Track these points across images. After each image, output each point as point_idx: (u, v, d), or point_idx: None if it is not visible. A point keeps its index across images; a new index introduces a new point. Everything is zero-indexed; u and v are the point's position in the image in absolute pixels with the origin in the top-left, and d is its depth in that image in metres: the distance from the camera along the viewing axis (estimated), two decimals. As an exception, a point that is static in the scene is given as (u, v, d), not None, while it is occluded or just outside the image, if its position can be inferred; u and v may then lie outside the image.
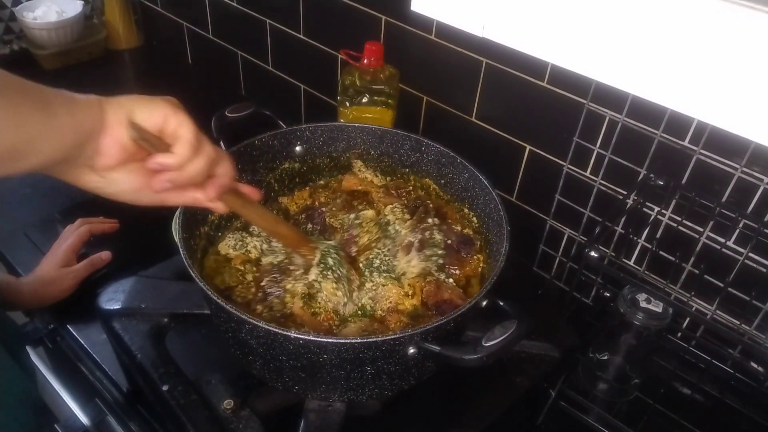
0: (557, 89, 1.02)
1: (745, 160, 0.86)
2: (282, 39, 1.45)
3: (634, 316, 0.88)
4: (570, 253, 1.12)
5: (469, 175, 0.96)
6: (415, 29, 1.17)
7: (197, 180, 0.66)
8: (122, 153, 0.61)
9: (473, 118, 1.17)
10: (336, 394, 0.81)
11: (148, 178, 0.64)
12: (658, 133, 0.92)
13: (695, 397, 0.99)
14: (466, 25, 0.66)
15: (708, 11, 0.49)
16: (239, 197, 0.74)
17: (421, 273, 0.88)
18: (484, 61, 1.09)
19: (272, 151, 1.00)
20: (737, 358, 0.96)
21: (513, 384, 0.93)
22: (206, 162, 0.65)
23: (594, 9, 0.56)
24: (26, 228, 1.17)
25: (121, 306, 0.91)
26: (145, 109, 0.61)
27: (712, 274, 0.94)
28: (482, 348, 0.70)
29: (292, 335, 0.70)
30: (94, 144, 0.59)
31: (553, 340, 0.96)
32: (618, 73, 0.57)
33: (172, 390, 0.82)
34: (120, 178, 0.63)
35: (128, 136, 0.60)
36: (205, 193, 0.68)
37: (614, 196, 1.02)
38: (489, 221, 0.93)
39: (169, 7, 1.73)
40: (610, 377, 0.97)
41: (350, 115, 1.15)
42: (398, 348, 0.72)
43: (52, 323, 1.04)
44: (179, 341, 0.93)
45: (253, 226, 0.93)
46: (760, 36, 0.47)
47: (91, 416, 0.95)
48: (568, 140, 1.03)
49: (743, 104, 0.50)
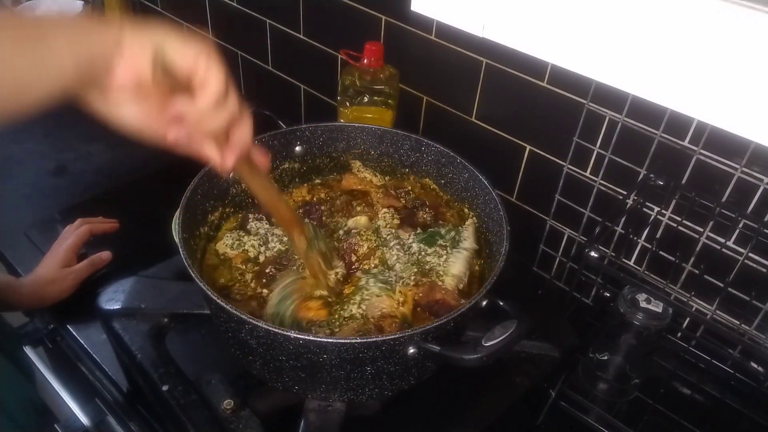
0: (557, 89, 1.02)
1: (745, 160, 0.86)
2: (282, 39, 1.45)
3: (634, 316, 0.88)
4: (570, 253, 1.12)
5: (469, 175, 0.96)
6: (415, 29, 1.17)
7: (214, 135, 0.61)
8: (135, 83, 0.56)
9: (473, 118, 1.17)
10: (336, 394, 0.81)
11: (157, 117, 0.59)
12: (658, 133, 0.92)
13: (695, 397, 0.99)
14: (466, 25, 0.66)
15: (708, 11, 0.49)
16: (248, 164, 0.69)
17: (415, 275, 0.87)
18: (484, 61, 1.09)
19: (272, 151, 1.00)
20: (737, 358, 0.96)
21: (513, 384, 0.93)
22: (228, 119, 0.60)
23: (594, 9, 0.56)
24: (26, 228, 1.17)
25: (121, 306, 0.91)
26: (177, 45, 0.56)
27: (712, 274, 0.94)
28: (482, 348, 0.70)
29: (292, 335, 0.70)
30: (105, 69, 0.55)
31: (553, 340, 0.96)
32: (618, 73, 0.57)
33: (172, 390, 0.82)
34: (128, 111, 0.58)
35: (150, 68, 0.55)
36: (221, 156, 0.63)
37: (614, 196, 1.02)
38: (489, 221, 0.93)
39: (169, 7, 1.73)
40: (610, 377, 0.97)
41: (350, 115, 1.15)
42: (398, 348, 0.72)
43: (52, 323, 1.04)
44: (179, 341, 0.93)
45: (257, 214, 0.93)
46: (760, 36, 0.47)
47: (91, 416, 0.95)
48: (568, 140, 1.03)
49: (743, 104, 0.50)
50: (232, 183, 0.96)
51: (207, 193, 0.92)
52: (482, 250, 0.94)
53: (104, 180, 1.32)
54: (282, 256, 0.89)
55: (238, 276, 0.88)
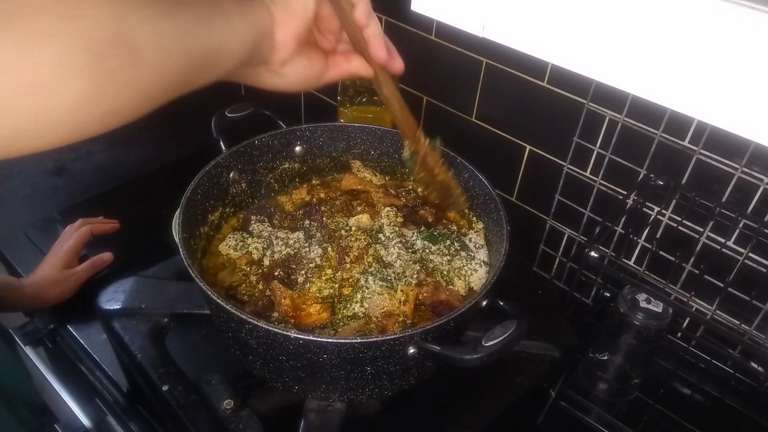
0: (557, 89, 1.02)
1: (745, 160, 0.86)
2: (282, 39, 1.44)
3: (634, 316, 0.88)
4: (570, 253, 1.12)
5: (469, 175, 0.96)
6: (415, 29, 1.17)
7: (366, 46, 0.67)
8: (297, 43, 0.63)
9: (473, 118, 1.17)
10: (336, 394, 0.81)
11: (321, 61, 0.67)
12: (658, 133, 0.92)
13: (695, 397, 0.99)
14: (466, 25, 0.66)
15: (708, 11, 0.49)
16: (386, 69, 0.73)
17: (418, 273, 0.87)
18: (484, 61, 1.09)
19: (272, 151, 1.00)
20: (737, 358, 0.96)
21: (513, 384, 0.93)
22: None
23: (594, 9, 0.56)
24: (26, 228, 1.17)
25: (121, 306, 0.91)
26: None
27: (712, 274, 0.94)
28: (482, 348, 0.70)
29: (292, 335, 0.70)
30: (270, 41, 0.61)
31: (553, 340, 0.96)
32: (618, 73, 0.57)
33: (172, 390, 0.82)
34: (293, 70, 0.65)
35: (304, 24, 0.62)
36: (384, 59, 0.68)
37: (614, 196, 1.02)
38: (489, 221, 0.93)
39: (169, 7, 1.73)
40: (610, 377, 0.97)
41: (350, 115, 1.15)
42: (398, 348, 0.72)
43: (52, 323, 1.04)
44: (179, 341, 0.93)
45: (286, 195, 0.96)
46: (760, 36, 0.47)
47: (91, 416, 0.95)
48: (568, 140, 1.03)
49: (743, 104, 0.50)
50: (231, 183, 0.96)
51: (207, 193, 0.92)
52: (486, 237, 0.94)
53: (104, 180, 1.32)
54: (290, 259, 0.88)
55: (242, 277, 0.88)
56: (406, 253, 0.90)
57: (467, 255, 0.91)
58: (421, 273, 0.87)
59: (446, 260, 0.90)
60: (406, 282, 0.86)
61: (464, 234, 0.95)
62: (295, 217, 0.98)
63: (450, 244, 0.91)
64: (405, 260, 0.89)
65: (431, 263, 0.90)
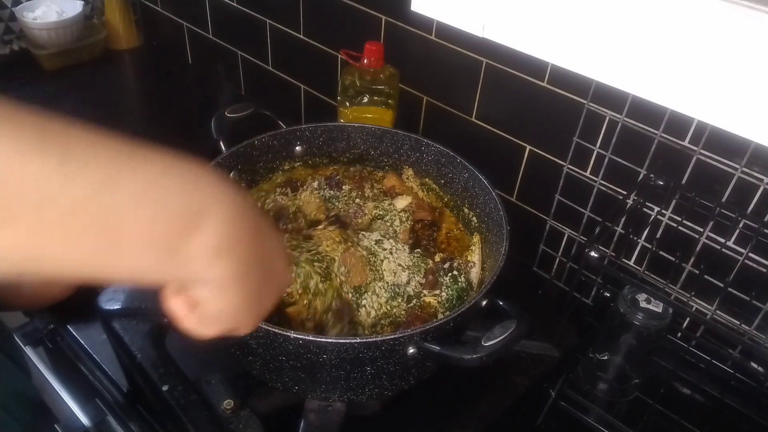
0: (557, 89, 1.02)
1: (745, 160, 0.86)
2: (282, 39, 1.44)
3: (634, 316, 0.88)
4: (570, 253, 1.12)
5: (469, 175, 0.96)
6: (415, 29, 1.17)
7: None
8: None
9: (473, 118, 1.17)
10: (336, 394, 0.81)
11: None
12: (658, 133, 0.92)
13: (695, 397, 0.99)
14: (466, 25, 0.66)
15: (708, 11, 0.49)
16: None
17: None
18: (484, 61, 1.09)
19: (272, 151, 1.00)
20: (737, 358, 0.96)
21: (513, 384, 0.93)
22: None
23: (594, 9, 0.56)
24: (26, 228, 1.17)
25: (121, 306, 0.91)
26: None
27: (712, 274, 0.94)
28: (482, 348, 0.70)
29: (291, 335, 0.70)
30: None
31: (553, 340, 0.96)
32: (618, 73, 0.57)
33: (172, 390, 0.82)
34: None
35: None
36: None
37: (614, 196, 1.02)
38: (489, 221, 0.93)
39: (169, 7, 1.73)
40: (610, 377, 0.97)
41: (350, 115, 1.15)
42: (398, 348, 0.72)
43: (52, 323, 1.04)
44: (179, 341, 0.93)
45: None
46: (760, 36, 0.47)
47: (91, 416, 0.95)
48: (568, 140, 1.03)
49: (743, 104, 0.50)
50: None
51: (207, 193, 0.91)
52: (482, 250, 0.94)
53: (104, 180, 1.32)
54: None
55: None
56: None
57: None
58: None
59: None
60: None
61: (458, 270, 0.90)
62: (321, 184, 1.00)
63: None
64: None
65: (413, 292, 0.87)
